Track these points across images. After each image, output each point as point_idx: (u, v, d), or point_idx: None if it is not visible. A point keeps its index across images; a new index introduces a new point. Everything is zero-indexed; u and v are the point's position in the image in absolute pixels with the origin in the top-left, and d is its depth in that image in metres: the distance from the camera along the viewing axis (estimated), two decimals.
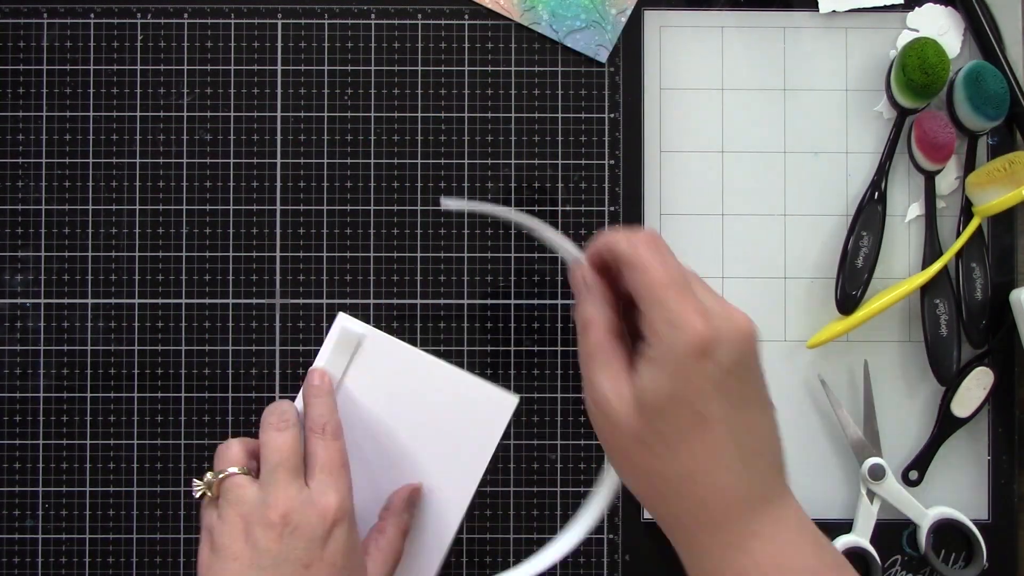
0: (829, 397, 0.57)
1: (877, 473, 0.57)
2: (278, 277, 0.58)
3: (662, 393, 0.38)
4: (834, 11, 0.58)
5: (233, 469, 0.48)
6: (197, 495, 0.48)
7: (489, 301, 0.58)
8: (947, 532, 0.57)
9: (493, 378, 0.57)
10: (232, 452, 0.49)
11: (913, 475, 0.58)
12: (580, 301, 0.42)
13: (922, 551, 0.57)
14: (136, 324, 0.58)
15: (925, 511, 0.57)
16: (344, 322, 0.55)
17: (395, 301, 0.58)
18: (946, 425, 0.57)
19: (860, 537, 0.57)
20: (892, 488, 0.57)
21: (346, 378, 0.55)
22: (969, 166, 0.57)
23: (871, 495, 0.57)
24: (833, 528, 0.58)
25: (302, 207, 0.58)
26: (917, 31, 0.58)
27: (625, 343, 0.41)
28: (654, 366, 0.38)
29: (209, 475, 0.48)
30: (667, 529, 0.41)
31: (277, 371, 0.58)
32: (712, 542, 0.39)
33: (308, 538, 0.46)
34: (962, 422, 0.57)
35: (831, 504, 0.58)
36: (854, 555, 0.57)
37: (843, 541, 0.57)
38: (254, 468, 0.49)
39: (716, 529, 0.39)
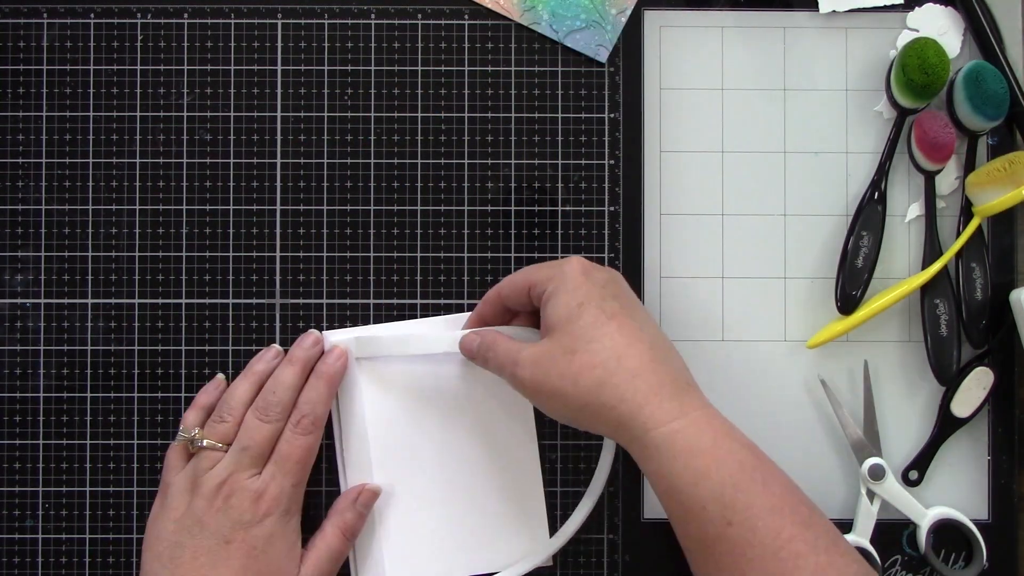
0: (829, 397, 0.57)
1: (877, 473, 0.56)
2: (278, 277, 0.58)
3: (569, 306, 0.47)
4: (834, 11, 0.58)
5: (218, 445, 0.52)
6: (178, 443, 0.53)
7: None
8: (947, 532, 0.57)
9: None
10: (225, 429, 0.53)
11: (913, 475, 0.58)
12: (475, 348, 0.52)
13: (922, 551, 0.57)
14: (136, 324, 0.58)
15: (925, 511, 0.57)
16: (330, 338, 0.56)
17: (395, 301, 0.58)
18: (946, 425, 0.57)
19: (860, 537, 0.57)
20: (892, 488, 0.57)
21: (358, 388, 0.55)
22: (969, 166, 0.57)
23: (871, 495, 0.57)
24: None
25: (302, 207, 0.58)
26: (917, 31, 0.58)
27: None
28: (553, 299, 0.48)
29: (197, 431, 0.53)
30: (612, 428, 0.47)
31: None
32: (644, 417, 0.46)
33: (235, 518, 0.50)
34: (962, 422, 0.57)
35: (831, 503, 0.58)
36: None
37: None
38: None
39: (646, 404, 0.46)
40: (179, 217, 0.58)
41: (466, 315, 0.57)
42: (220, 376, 0.57)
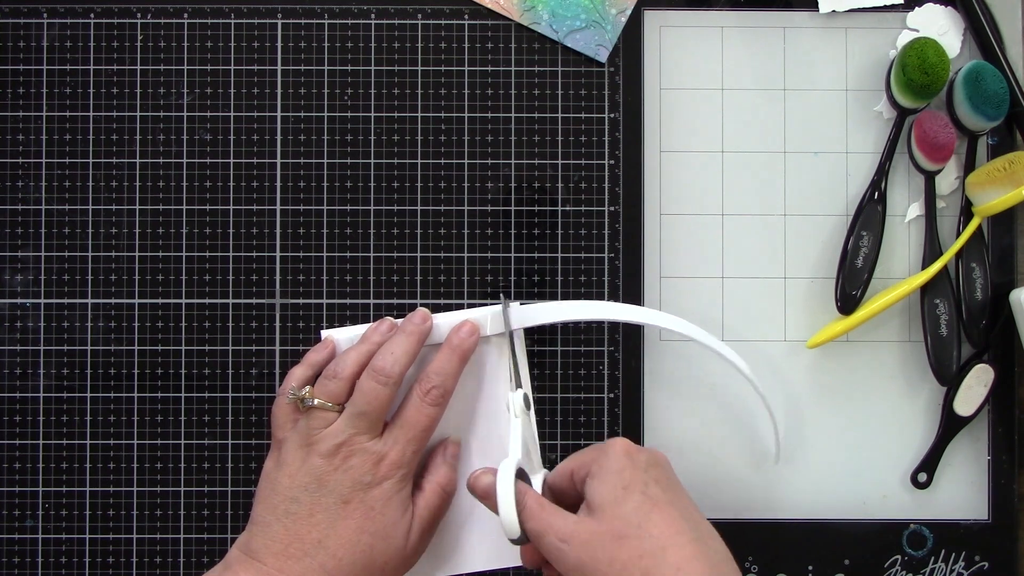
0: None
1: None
2: (278, 277, 0.58)
3: (614, 488, 0.46)
4: (834, 11, 0.58)
5: (328, 404, 0.52)
6: (288, 401, 0.53)
7: (489, 301, 0.58)
8: (947, 531, 0.57)
9: None
10: (335, 387, 0.52)
11: (922, 477, 0.58)
12: (525, 508, 0.49)
13: None
14: (136, 324, 0.58)
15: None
16: (334, 336, 0.56)
17: (395, 301, 0.58)
18: (950, 425, 0.57)
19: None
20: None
21: None
22: (969, 166, 0.57)
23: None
24: (834, 527, 0.58)
25: (302, 207, 0.58)
26: (917, 31, 0.58)
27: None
28: (598, 479, 0.47)
29: (306, 391, 0.52)
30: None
31: (277, 371, 0.58)
32: None
33: (355, 479, 0.51)
34: (966, 421, 0.57)
35: (831, 506, 0.58)
36: None
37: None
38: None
39: None
40: (179, 217, 0.58)
41: (458, 314, 0.56)
42: (328, 336, 0.56)
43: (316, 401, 0.52)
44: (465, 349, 0.54)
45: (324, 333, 0.56)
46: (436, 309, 0.58)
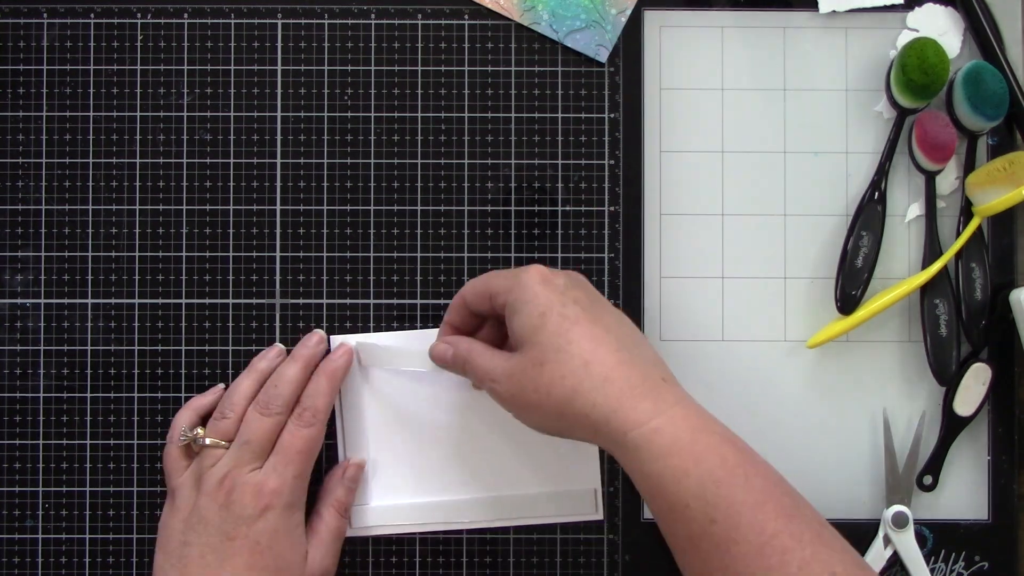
0: (885, 435, 0.57)
1: (900, 521, 0.56)
2: (278, 277, 0.58)
3: (533, 316, 0.47)
4: (834, 11, 0.58)
5: (221, 443, 0.53)
6: (180, 444, 0.54)
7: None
8: (948, 532, 0.57)
9: None
10: (226, 426, 0.53)
11: (927, 480, 0.58)
12: (451, 357, 0.52)
13: None
14: (136, 324, 0.58)
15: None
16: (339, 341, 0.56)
17: (395, 301, 0.58)
18: (951, 426, 0.57)
19: None
20: (909, 544, 0.56)
21: (366, 391, 0.56)
22: (969, 166, 0.57)
23: (887, 540, 0.57)
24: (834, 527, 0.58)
25: (302, 207, 0.58)
26: (917, 31, 0.58)
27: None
28: (516, 312, 0.48)
29: (198, 432, 0.53)
30: (590, 434, 0.47)
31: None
32: (620, 420, 0.45)
33: (238, 515, 0.50)
34: (966, 421, 0.57)
35: (831, 504, 0.58)
36: None
37: None
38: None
39: (619, 408, 0.45)
40: (179, 217, 0.58)
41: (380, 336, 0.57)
42: (220, 386, 0.57)
43: (208, 440, 0.52)
44: (335, 371, 0.55)
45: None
46: (436, 309, 0.58)
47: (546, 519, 0.57)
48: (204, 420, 0.55)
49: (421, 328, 0.58)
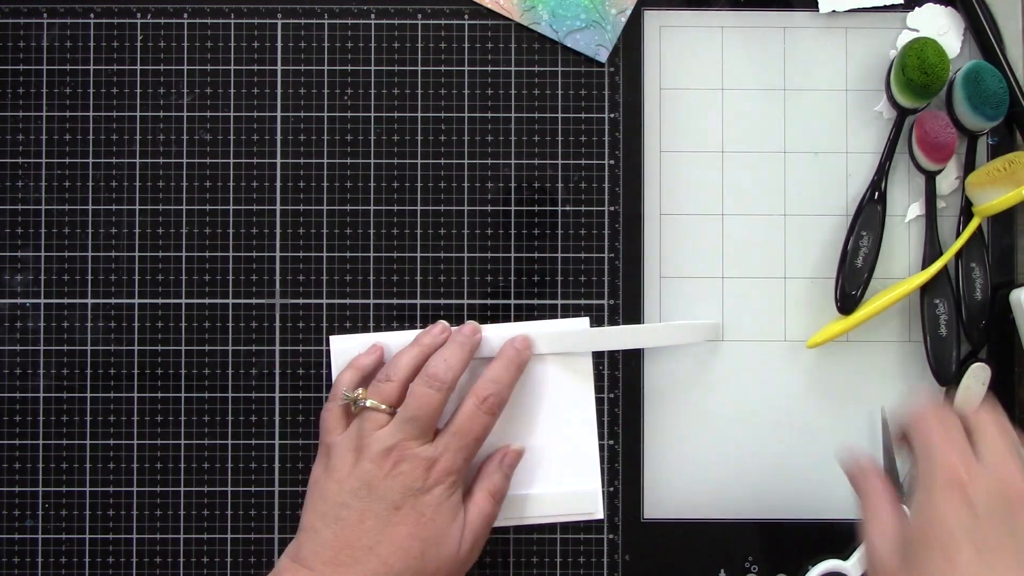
0: (883, 435, 0.56)
1: None
2: (278, 277, 0.58)
3: (916, 526, 0.41)
4: (834, 11, 0.58)
5: (382, 406, 0.51)
6: (340, 403, 0.52)
7: (489, 301, 0.58)
8: None
9: None
10: (389, 390, 0.52)
11: None
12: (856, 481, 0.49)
13: None
14: (136, 324, 0.58)
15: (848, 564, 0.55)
16: (338, 344, 0.56)
17: (395, 301, 0.58)
18: None
19: (851, 568, 0.55)
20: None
21: None
22: (969, 166, 0.57)
23: None
24: (834, 527, 0.58)
25: (302, 207, 0.58)
26: (917, 31, 0.58)
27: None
28: (917, 496, 0.42)
29: (359, 393, 0.52)
30: None
31: (277, 371, 0.58)
32: None
33: (406, 484, 0.50)
34: None
35: (831, 504, 0.58)
36: None
37: (826, 565, 0.55)
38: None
39: None
40: (179, 217, 0.58)
41: (508, 326, 0.57)
42: (378, 343, 0.56)
43: (369, 402, 0.51)
44: (522, 361, 0.55)
45: (333, 340, 0.56)
46: (436, 309, 0.58)
47: (548, 519, 0.57)
48: (366, 381, 0.54)
49: (420, 326, 0.58)
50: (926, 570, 0.40)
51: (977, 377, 0.57)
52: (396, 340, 0.57)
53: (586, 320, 0.56)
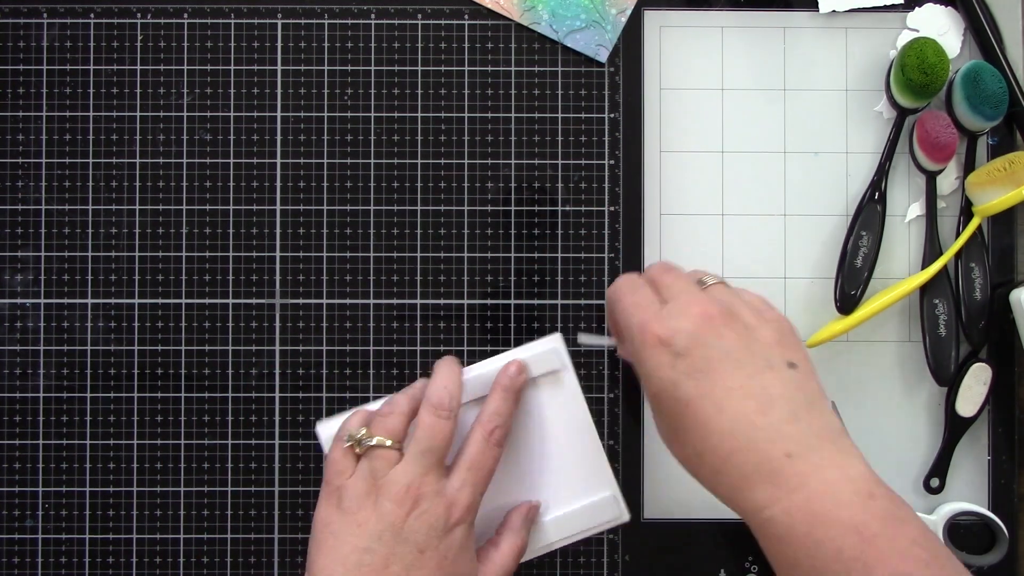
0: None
1: None
2: (278, 277, 0.58)
3: (649, 396, 0.46)
4: (834, 11, 0.58)
5: (387, 442, 0.49)
6: (346, 444, 0.49)
7: (489, 301, 0.58)
8: (958, 529, 0.57)
9: None
10: (393, 423, 0.50)
11: (935, 482, 0.58)
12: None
13: None
14: (136, 324, 0.58)
15: (933, 518, 0.57)
16: (325, 431, 0.54)
17: (395, 301, 0.58)
18: (955, 427, 0.57)
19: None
20: None
21: None
22: (969, 166, 0.57)
23: None
24: None
25: (302, 207, 0.58)
26: (917, 31, 0.58)
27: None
28: (638, 372, 0.46)
29: (363, 432, 0.49)
30: (710, 484, 0.45)
31: (277, 371, 0.58)
32: (738, 507, 0.43)
33: (431, 525, 0.48)
34: (970, 421, 0.57)
35: None
36: None
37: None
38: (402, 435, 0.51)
39: (734, 497, 0.43)
40: (179, 217, 0.58)
41: (523, 348, 0.55)
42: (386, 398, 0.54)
43: (375, 440, 0.49)
44: (517, 388, 0.53)
45: (320, 426, 0.53)
46: (436, 309, 0.58)
47: (574, 537, 0.55)
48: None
49: (420, 326, 0.58)
50: (661, 419, 0.45)
51: (979, 377, 0.57)
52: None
53: (558, 336, 0.55)
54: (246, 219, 0.58)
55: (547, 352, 0.54)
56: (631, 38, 0.59)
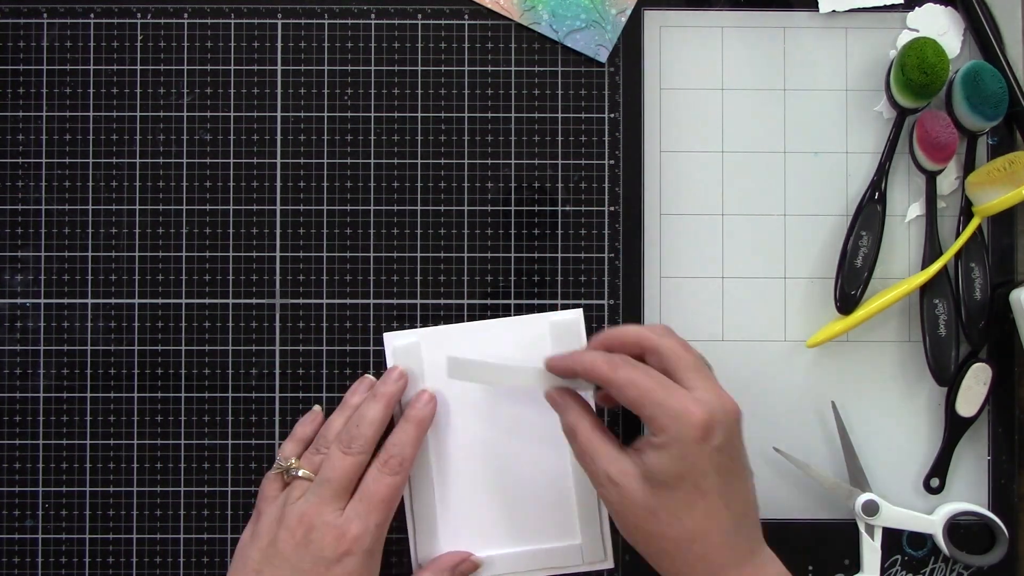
0: (839, 424, 0.57)
1: (871, 509, 0.56)
2: (278, 277, 0.58)
3: (670, 473, 0.46)
4: (834, 11, 0.58)
5: (311, 475, 0.53)
6: (274, 472, 0.53)
7: (489, 301, 0.58)
8: (958, 529, 0.57)
9: None
10: (320, 460, 0.53)
11: (935, 482, 0.58)
12: (562, 413, 0.51)
13: (946, 553, 0.57)
14: (136, 324, 0.58)
15: (933, 518, 0.57)
16: (392, 341, 0.57)
17: (395, 301, 0.58)
18: (955, 427, 0.57)
19: (870, 574, 0.56)
20: (891, 515, 0.57)
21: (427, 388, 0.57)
22: (969, 166, 0.57)
23: (870, 529, 0.57)
24: (835, 527, 0.58)
25: (302, 207, 0.58)
26: (917, 31, 0.58)
27: (607, 433, 0.50)
28: (662, 451, 0.46)
29: (292, 462, 0.53)
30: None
31: (277, 371, 0.58)
32: None
33: (316, 555, 0.50)
34: (969, 422, 0.57)
35: (831, 504, 0.58)
36: None
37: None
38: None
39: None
40: (179, 217, 0.58)
41: (540, 315, 0.57)
42: (317, 408, 0.57)
43: (301, 472, 0.52)
44: (422, 419, 0.55)
45: (387, 336, 0.57)
46: (436, 309, 0.58)
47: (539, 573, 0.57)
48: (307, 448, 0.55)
49: (420, 326, 0.58)
50: (678, 499, 0.46)
51: (978, 378, 0.57)
52: (458, 333, 0.57)
53: (579, 312, 0.56)
54: (246, 219, 0.58)
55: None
56: (631, 38, 0.59)
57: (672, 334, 0.50)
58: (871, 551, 0.57)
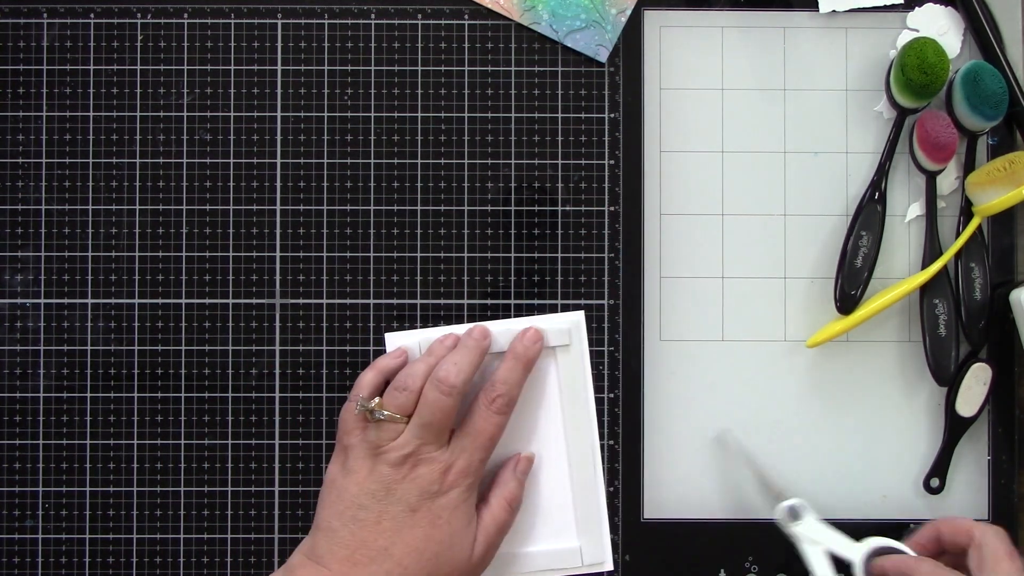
0: (735, 450, 0.57)
1: (796, 514, 0.55)
2: (278, 277, 0.58)
3: None
4: (834, 11, 0.58)
5: (396, 416, 0.52)
6: (356, 412, 0.53)
7: (489, 301, 0.58)
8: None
9: None
10: (404, 400, 0.52)
11: (935, 483, 0.58)
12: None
13: None
14: (136, 324, 0.58)
15: (855, 544, 0.54)
16: (393, 341, 0.57)
17: (395, 301, 0.58)
18: (955, 427, 0.57)
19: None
20: (813, 527, 0.54)
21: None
22: (969, 166, 0.57)
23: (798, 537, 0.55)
24: (834, 526, 0.58)
25: (302, 207, 0.58)
26: (917, 31, 0.58)
27: None
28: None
29: (375, 402, 0.52)
30: None
31: (277, 371, 0.58)
32: None
33: (422, 488, 0.51)
34: (969, 422, 0.57)
35: (832, 503, 0.58)
36: None
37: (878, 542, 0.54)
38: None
39: None
40: (179, 217, 0.58)
41: (542, 317, 0.57)
42: (403, 348, 0.56)
43: (385, 414, 0.52)
44: (530, 357, 0.55)
45: (389, 337, 0.57)
46: (436, 309, 0.58)
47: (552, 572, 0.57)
48: (387, 382, 0.55)
49: (420, 326, 0.58)
50: None
51: (978, 378, 0.57)
52: (438, 334, 0.57)
53: (580, 314, 0.56)
54: (246, 219, 0.58)
55: (569, 327, 0.55)
56: (631, 38, 0.59)
57: (1004, 539, 0.50)
58: (818, 558, 0.54)
